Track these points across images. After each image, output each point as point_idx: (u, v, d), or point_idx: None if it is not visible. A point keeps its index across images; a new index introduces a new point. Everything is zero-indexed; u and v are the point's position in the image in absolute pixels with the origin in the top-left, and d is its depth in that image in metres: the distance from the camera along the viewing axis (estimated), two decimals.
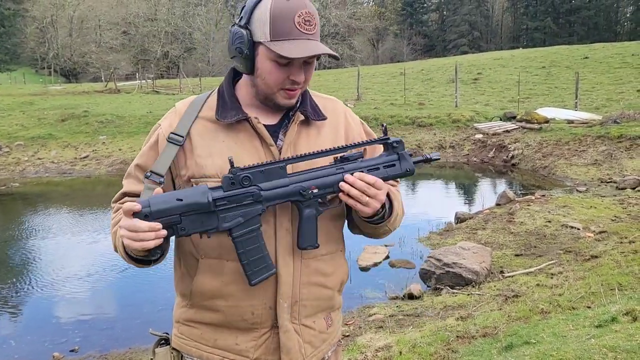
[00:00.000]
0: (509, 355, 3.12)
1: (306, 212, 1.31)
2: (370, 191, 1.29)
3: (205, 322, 1.38)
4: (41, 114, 18.53)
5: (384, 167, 1.36)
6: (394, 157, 1.38)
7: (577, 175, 10.94)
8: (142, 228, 1.16)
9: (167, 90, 29.46)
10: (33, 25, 55.04)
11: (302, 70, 1.30)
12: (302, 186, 1.30)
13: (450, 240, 6.98)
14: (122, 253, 1.30)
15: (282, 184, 1.29)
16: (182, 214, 1.21)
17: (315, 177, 1.32)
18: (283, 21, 1.24)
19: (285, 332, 1.35)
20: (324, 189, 1.32)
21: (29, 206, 11.31)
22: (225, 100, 1.37)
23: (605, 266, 5.15)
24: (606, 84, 21.10)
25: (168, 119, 1.41)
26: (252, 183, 1.26)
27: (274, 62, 1.28)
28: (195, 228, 1.24)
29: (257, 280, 1.28)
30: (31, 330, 5.20)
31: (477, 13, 71.79)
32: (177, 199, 1.21)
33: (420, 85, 25.76)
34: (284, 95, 1.32)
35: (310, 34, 1.26)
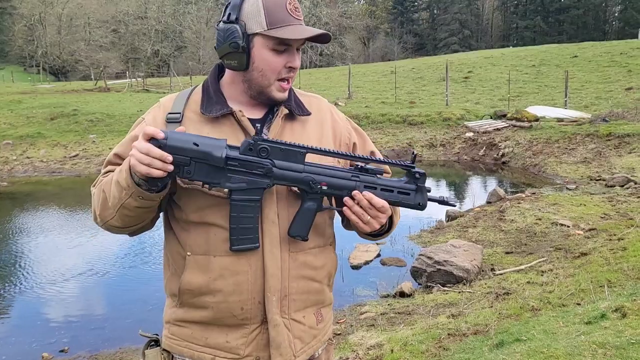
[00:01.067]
0: (500, 353, 3.13)
1: (307, 203, 1.32)
2: (372, 212, 1.32)
3: (195, 320, 1.37)
4: (30, 112, 18.38)
5: (398, 192, 1.36)
6: (412, 186, 1.38)
7: (567, 173, 11.01)
8: (154, 153, 1.17)
9: (157, 89, 29.32)
10: (21, 22, 54.56)
11: (298, 55, 1.34)
12: (313, 178, 1.30)
13: (441, 238, 7.00)
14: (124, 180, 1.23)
15: (296, 169, 1.29)
16: (193, 158, 1.22)
17: (330, 175, 1.32)
18: (277, 10, 1.29)
19: (274, 326, 1.34)
20: (333, 190, 1.32)
21: (17, 206, 11.20)
22: (211, 95, 1.39)
23: (594, 263, 5.19)
24: (595, 83, 21.25)
25: (152, 113, 1.42)
26: (269, 156, 1.27)
27: (272, 50, 1.31)
28: (200, 176, 1.24)
29: (239, 248, 1.28)
30: (20, 330, 5.15)
31: (468, 12, 72.04)
32: (194, 143, 1.22)
33: (411, 83, 25.81)
34: (278, 87, 1.34)
35: (300, 19, 1.32)
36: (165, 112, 1.38)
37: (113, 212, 1.30)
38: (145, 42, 56.64)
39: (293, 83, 1.40)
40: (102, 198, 1.33)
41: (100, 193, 1.35)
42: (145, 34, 57.17)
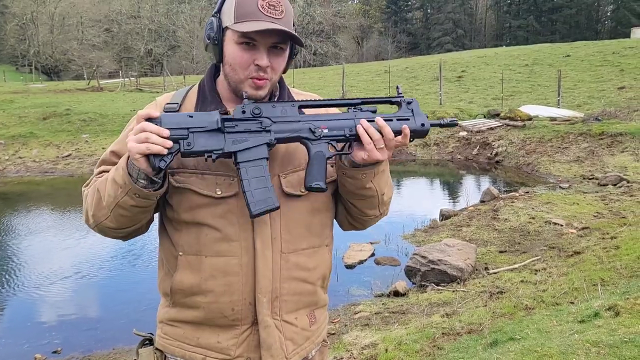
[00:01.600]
0: (494, 352, 3.14)
1: (314, 150, 1.29)
2: (389, 142, 1.29)
3: (187, 320, 1.37)
4: (22, 112, 18.26)
5: (397, 120, 1.35)
6: (408, 112, 1.37)
7: (560, 172, 11.06)
8: (150, 128, 1.16)
9: (150, 88, 29.22)
10: (13, 22, 54.19)
11: (265, 54, 1.28)
12: (312, 124, 1.29)
13: (435, 237, 7.01)
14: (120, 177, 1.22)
15: (293, 119, 1.29)
16: (190, 129, 1.21)
17: (327, 119, 1.32)
18: (246, 4, 1.26)
19: (265, 327, 1.34)
20: (335, 130, 1.31)
21: (9, 206, 11.13)
22: (206, 94, 1.38)
23: (587, 262, 5.21)
24: (588, 82, 21.35)
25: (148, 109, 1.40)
26: (262, 115, 1.27)
27: (239, 44, 1.28)
28: (201, 145, 1.22)
29: (259, 212, 1.24)
30: (12, 331, 5.11)
31: (461, 11, 72.21)
32: (188, 116, 1.22)
33: (404, 83, 25.83)
34: (251, 84, 1.31)
35: (275, 17, 1.26)
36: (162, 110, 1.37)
37: (107, 212, 1.29)
38: (139, 41, 56.40)
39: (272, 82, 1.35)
40: (97, 198, 1.31)
41: (95, 193, 1.32)
42: (139, 33, 56.94)
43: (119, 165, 1.24)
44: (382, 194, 1.42)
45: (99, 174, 1.39)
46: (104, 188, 1.29)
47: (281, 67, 1.33)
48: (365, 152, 1.28)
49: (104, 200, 1.29)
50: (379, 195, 1.41)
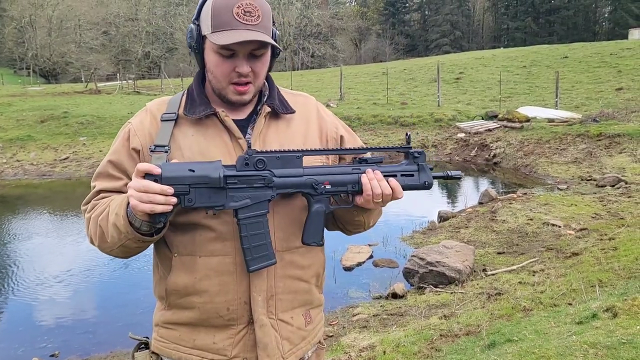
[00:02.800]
0: (492, 353, 3.13)
1: (315, 207, 1.30)
2: (386, 198, 1.31)
3: (182, 322, 1.37)
4: (20, 115, 18.24)
5: (401, 176, 1.36)
6: (414, 167, 1.37)
7: (558, 174, 11.07)
8: (153, 189, 1.15)
9: (148, 91, 29.19)
10: (11, 25, 54.16)
11: (245, 61, 1.29)
12: (315, 179, 1.29)
13: (434, 239, 7.01)
14: (123, 224, 1.23)
15: (295, 174, 1.28)
16: (192, 184, 1.20)
17: (330, 173, 1.31)
18: (222, 13, 1.25)
19: (261, 326, 1.34)
20: (337, 187, 1.31)
21: (7, 209, 11.11)
22: (194, 97, 1.38)
23: (585, 263, 5.21)
24: (585, 83, 21.39)
25: (139, 116, 1.42)
26: (266, 167, 1.25)
27: (217, 54, 1.28)
28: (202, 201, 1.22)
29: (256, 268, 1.26)
30: (10, 334, 5.10)
31: (459, 13, 72.33)
32: (190, 170, 1.20)
33: (402, 84, 25.86)
34: (233, 90, 1.32)
35: (251, 24, 1.26)
36: (155, 120, 1.38)
37: (112, 247, 1.31)
38: (136, 44, 56.38)
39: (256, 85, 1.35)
40: (100, 233, 1.33)
41: (97, 228, 1.33)
42: (136, 36, 56.93)
43: (119, 212, 1.24)
44: (369, 224, 1.47)
45: (97, 194, 1.39)
46: (105, 226, 1.29)
47: (263, 70, 1.34)
48: (361, 199, 1.32)
49: (107, 237, 1.30)
50: (366, 224, 1.47)
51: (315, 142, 1.44)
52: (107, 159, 1.40)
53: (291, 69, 45.43)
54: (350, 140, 1.53)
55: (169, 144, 1.31)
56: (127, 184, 1.33)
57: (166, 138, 1.32)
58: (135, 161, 1.35)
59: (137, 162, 1.34)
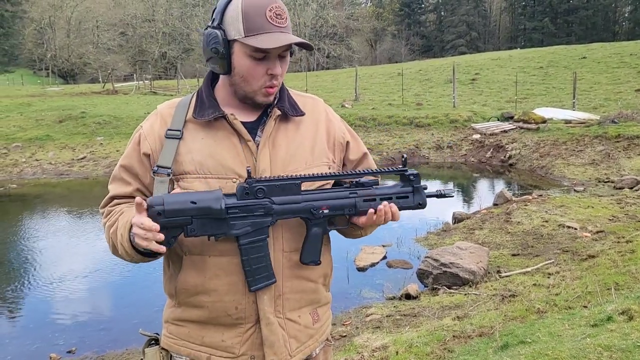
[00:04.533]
0: (505, 355, 3.12)
1: (313, 230, 1.35)
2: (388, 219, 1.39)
3: (192, 319, 1.40)
4: (39, 115, 18.51)
5: (396, 198, 1.40)
6: (409, 189, 1.42)
7: (575, 175, 10.95)
8: (149, 227, 1.20)
9: (165, 91, 29.44)
10: (31, 26, 54.98)
11: (278, 62, 1.32)
12: (313, 205, 1.33)
13: (448, 240, 6.99)
14: (129, 249, 1.30)
15: (294, 201, 1.32)
16: (194, 216, 1.24)
17: (328, 198, 1.35)
18: (255, 17, 1.27)
19: (267, 325, 1.36)
20: (335, 211, 1.35)
21: (26, 208, 11.29)
22: (204, 100, 1.40)
23: (602, 266, 5.16)
24: (604, 84, 21.13)
25: (149, 120, 1.44)
26: (266, 195, 1.29)
27: (251, 57, 1.30)
28: (204, 231, 1.26)
29: (257, 288, 1.31)
30: (28, 331, 5.19)
31: (475, 13, 71.85)
32: (191, 202, 1.23)
33: (418, 85, 25.77)
34: (264, 93, 1.35)
35: (283, 27, 1.29)
36: (165, 123, 1.39)
37: (124, 258, 1.37)
38: (153, 44, 56.87)
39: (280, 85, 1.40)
40: (111, 244, 1.39)
41: (109, 239, 1.39)
42: (153, 37, 57.41)
43: (124, 234, 1.30)
44: (367, 234, 1.54)
45: (111, 201, 1.44)
46: (115, 241, 1.35)
47: (285, 70, 1.37)
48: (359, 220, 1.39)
49: (118, 251, 1.36)
50: (363, 235, 1.53)
51: (322, 145, 1.46)
52: (120, 163, 1.44)
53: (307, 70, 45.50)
54: (355, 147, 1.55)
55: (171, 166, 1.33)
56: (139, 188, 1.40)
57: (169, 158, 1.33)
58: (146, 166, 1.38)
59: (147, 167, 1.38)
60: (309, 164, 1.41)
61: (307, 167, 1.40)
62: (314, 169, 1.41)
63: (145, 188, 1.40)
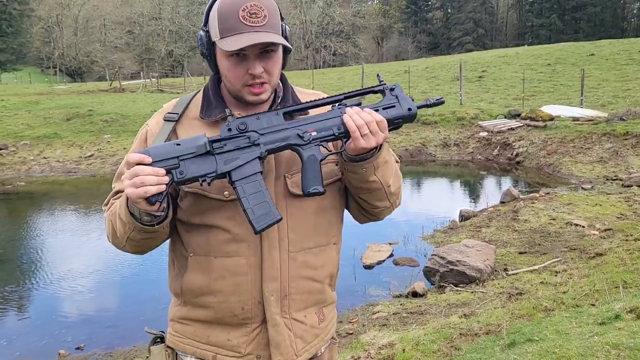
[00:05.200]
0: (512, 353, 3.12)
1: (307, 155, 1.29)
2: (372, 126, 1.27)
3: (197, 319, 1.40)
4: (47, 113, 18.61)
5: (383, 109, 1.34)
6: (393, 100, 1.36)
7: (582, 173, 10.90)
8: (144, 171, 1.17)
9: (171, 89, 29.51)
10: (39, 24, 55.25)
11: (257, 62, 1.28)
12: (300, 129, 1.29)
13: (455, 238, 6.98)
14: (125, 216, 1.26)
15: (279, 127, 1.29)
16: (180, 157, 1.22)
17: (313, 121, 1.31)
18: (228, 17, 1.25)
19: (273, 326, 1.35)
20: (323, 132, 1.30)
21: (34, 205, 11.36)
22: (210, 99, 1.39)
23: (610, 264, 5.14)
24: (612, 81, 20.99)
25: (155, 118, 1.44)
26: (249, 129, 1.27)
27: (229, 58, 1.29)
28: (193, 171, 1.23)
29: (263, 227, 1.25)
30: (37, 327, 5.23)
31: (482, 10, 71.52)
32: (175, 144, 1.23)
33: (424, 83, 25.70)
34: (248, 92, 1.33)
35: (258, 25, 1.25)
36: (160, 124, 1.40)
37: (123, 242, 1.34)
38: (160, 42, 56.98)
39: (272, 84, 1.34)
40: (111, 229, 1.37)
41: (109, 223, 1.38)
42: (160, 35, 57.52)
43: (121, 204, 1.27)
44: (387, 186, 1.39)
45: (115, 195, 1.42)
46: (114, 221, 1.33)
47: (276, 68, 1.33)
48: (351, 141, 1.28)
49: (117, 232, 1.34)
50: (384, 187, 1.38)
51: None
52: (125, 160, 1.41)
53: (313, 67, 45.47)
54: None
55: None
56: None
57: (162, 139, 1.33)
58: None
59: None
60: None
61: None
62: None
63: None
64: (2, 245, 8.18)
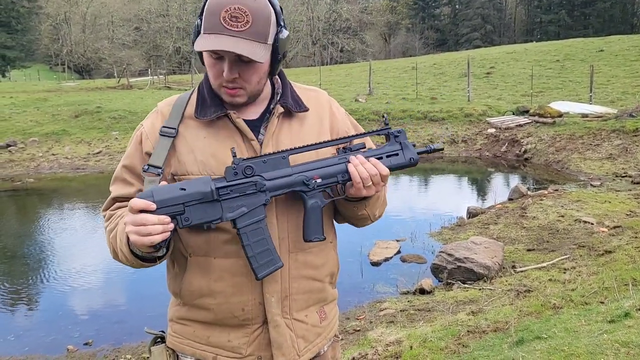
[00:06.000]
0: (520, 350, 3.10)
1: (310, 202, 1.30)
2: (375, 178, 1.30)
3: (197, 320, 1.38)
4: (55, 110, 18.70)
5: (387, 157, 1.36)
6: (397, 146, 1.38)
7: (591, 170, 10.83)
8: (150, 221, 1.15)
9: (179, 86, 29.56)
10: (47, 22, 55.48)
11: (230, 67, 1.26)
12: (305, 176, 1.29)
13: (462, 235, 6.95)
14: (127, 253, 1.26)
15: (285, 174, 1.28)
16: (186, 203, 1.20)
17: (318, 167, 1.31)
18: (212, 15, 1.23)
19: (275, 327, 1.34)
20: (328, 179, 1.31)
21: (43, 201, 11.43)
22: (205, 97, 1.37)
23: (619, 261, 5.10)
24: (622, 77, 20.82)
25: (150, 118, 1.41)
26: (255, 173, 1.26)
27: (209, 56, 1.28)
28: (198, 218, 1.22)
29: (264, 274, 1.27)
30: (45, 323, 5.26)
31: (490, 6, 71.08)
32: (181, 189, 1.20)
33: (432, 79, 25.61)
34: (225, 92, 1.31)
35: (237, 30, 1.22)
36: (165, 117, 1.37)
37: (125, 264, 1.34)
38: (167, 39, 57.07)
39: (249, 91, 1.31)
40: (112, 249, 1.36)
41: (109, 243, 1.37)
42: (167, 32, 57.60)
43: (123, 239, 1.26)
44: (374, 215, 1.46)
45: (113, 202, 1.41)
46: (115, 246, 1.33)
47: (253, 77, 1.29)
48: (353, 188, 1.31)
49: (117, 256, 1.34)
50: (371, 216, 1.45)
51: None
52: (122, 164, 1.41)
53: (320, 64, 45.41)
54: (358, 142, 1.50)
55: (162, 166, 1.30)
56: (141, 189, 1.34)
57: (162, 157, 1.31)
58: None
59: None
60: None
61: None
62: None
63: None
64: (11, 241, 8.24)
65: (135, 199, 1.17)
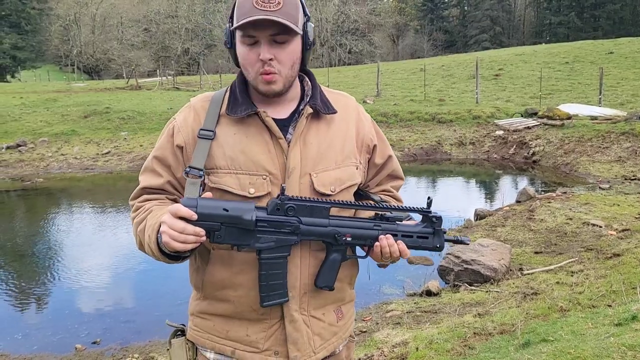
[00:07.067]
0: (526, 352, 3.10)
1: (332, 255, 1.36)
2: (395, 256, 1.38)
3: (217, 313, 1.41)
4: (65, 110, 18.82)
5: (417, 237, 1.42)
6: (430, 230, 1.43)
7: (600, 172, 10.77)
8: (187, 230, 1.20)
9: (187, 87, 29.69)
10: (57, 23, 55.85)
11: (267, 47, 1.29)
12: (338, 231, 1.34)
13: (470, 237, 6.92)
14: (154, 249, 1.30)
15: (321, 224, 1.33)
16: (224, 223, 1.25)
17: (353, 226, 1.36)
18: (243, 6, 1.28)
19: (291, 322, 1.37)
20: (357, 240, 1.37)
21: (52, 201, 11.52)
22: (237, 95, 1.40)
23: (627, 264, 5.07)
24: (632, 79, 20.69)
25: (183, 113, 1.44)
26: (295, 214, 1.30)
27: (243, 44, 1.31)
28: (230, 239, 1.27)
29: (269, 304, 1.33)
30: (54, 322, 5.30)
31: (499, 8, 70.82)
32: (224, 209, 1.24)
33: (440, 81, 25.56)
34: (261, 80, 1.33)
35: (270, 10, 1.26)
36: (198, 117, 1.40)
37: (150, 256, 1.38)
38: (176, 40, 57.33)
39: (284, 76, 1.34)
40: (138, 241, 1.40)
41: (137, 235, 1.40)
42: (176, 33, 57.86)
43: (152, 235, 1.30)
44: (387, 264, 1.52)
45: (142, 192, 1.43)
46: (142, 239, 1.36)
47: (288, 58, 1.32)
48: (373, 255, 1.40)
49: (144, 249, 1.38)
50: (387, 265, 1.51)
51: (352, 146, 1.45)
52: (153, 154, 1.44)
53: (328, 65, 45.42)
54: (382, 150, 1.54)
55: (203, 168, 1.33)
56: (170, 181, 1.40)
57: (202, 160, 1.34)
58: (179, 158, 1.38)
59: (180, 159, 1.38)
60: (338, 163, 1.41)
61: (337, 166, 1.40)
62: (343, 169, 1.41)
63: (176, 181, 1.41)
64: (20, 240, 8.32)
65: (180, 206, 1.21)
